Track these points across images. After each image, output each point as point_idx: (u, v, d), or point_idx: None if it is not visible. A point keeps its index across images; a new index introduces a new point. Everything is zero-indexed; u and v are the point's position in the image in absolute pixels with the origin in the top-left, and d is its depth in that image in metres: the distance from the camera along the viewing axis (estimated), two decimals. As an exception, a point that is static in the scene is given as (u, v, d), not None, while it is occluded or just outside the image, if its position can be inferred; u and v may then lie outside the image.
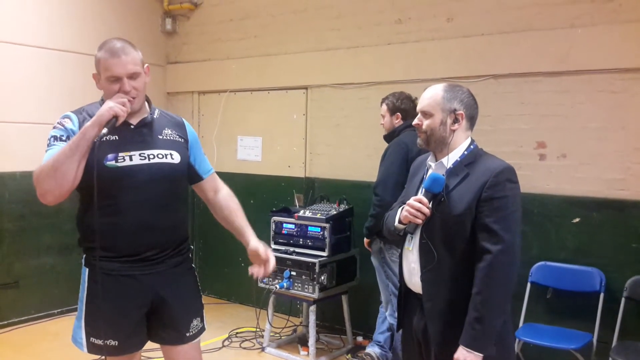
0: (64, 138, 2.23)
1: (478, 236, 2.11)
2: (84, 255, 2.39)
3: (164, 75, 6.23)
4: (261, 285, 4.52)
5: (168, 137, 2.41)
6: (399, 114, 4.07)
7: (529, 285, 3.95)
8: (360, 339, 4.75)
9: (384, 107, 4.14)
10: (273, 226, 4.65)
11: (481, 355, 2.07)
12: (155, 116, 2.42)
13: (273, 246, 4.62)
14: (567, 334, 3.73)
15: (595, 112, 3.84)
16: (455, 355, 2.08)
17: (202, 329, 2.55)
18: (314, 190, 5.20)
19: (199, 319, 2.53)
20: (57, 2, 5.26)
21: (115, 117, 2.18)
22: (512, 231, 2.10)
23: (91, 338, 2.32)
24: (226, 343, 4.73)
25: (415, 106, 4.06)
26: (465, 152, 2.24)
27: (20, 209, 5.04)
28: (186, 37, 6.16)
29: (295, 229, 4.53)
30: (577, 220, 3.91)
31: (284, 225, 4.60)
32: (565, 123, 3.95)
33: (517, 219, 2.14)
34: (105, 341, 2.31)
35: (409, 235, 2.29)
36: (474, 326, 2.07)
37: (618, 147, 3.78)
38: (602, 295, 3.72)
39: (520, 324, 3.90)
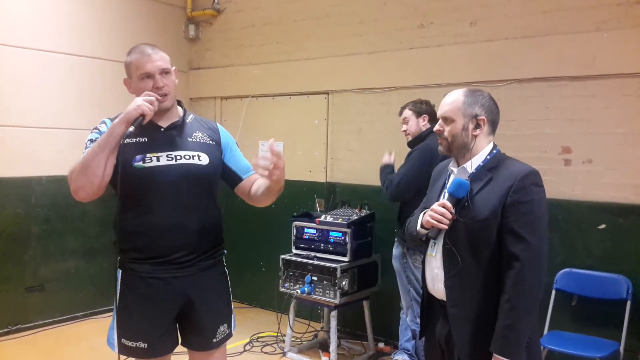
0: None
1: (505, 241, 2.08)
2: (118, 258, 2.40)
3: (187, 81, 6.29)
4: (282, 290, 4.53)
5: (198, 140, 2.41)
6: (425, 115, 4.01)
7: (553, 292, 3.89)
8: (381, 345, 4.73)
9: (408, 112, 4.05)
10: (294, 231, 4.65)
11: None
12: (187, 120, 2.44)
13: (294, 251, 4.63)
14: (593, 342, 3.66)
15: (622, 117, 3.78)
16: None
17: (229, 335, 2.55)
18: (335, 195, 5.19)
19: (226, 324, 2.51)
20: (83, 10, 5.35)
21: (142, 115, 2.20)
22: (539, 236, 2.08)
23: (122, 339, 2.34)
24: (247, 347, 4.74)
25: (434, 110, 4.05)
26: (488, 157, 2.21)
27: (46, 213, 5.13)
28: (209, 43, 6.22)
29: (317, 234, 4.52)
30: (603, 226, 3.85)
31: (305, 230, 4.59)
32: (591, 128, 3.89)
33: (543, 223, 2.12)
34: (135, 343, 2.33)
35: (431, 241, 2.27)
36: (505, 334, 2.04)
37: (645, 153, 3.71)
38: (629, 303, 3.65)
39: (545, 332, 3.84)
